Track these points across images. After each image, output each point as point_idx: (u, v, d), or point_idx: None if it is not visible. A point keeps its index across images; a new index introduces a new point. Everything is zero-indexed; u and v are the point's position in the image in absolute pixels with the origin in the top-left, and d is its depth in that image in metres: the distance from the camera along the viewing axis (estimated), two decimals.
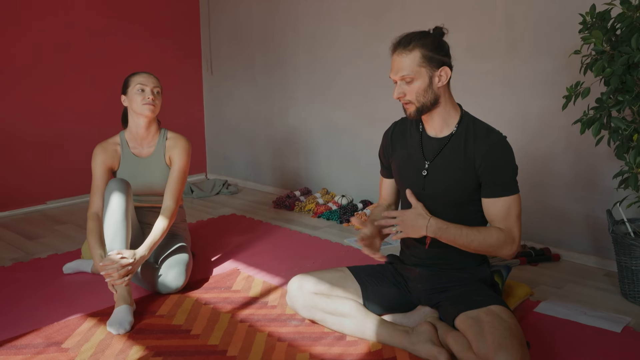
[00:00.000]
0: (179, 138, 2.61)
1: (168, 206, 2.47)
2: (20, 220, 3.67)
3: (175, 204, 2.49)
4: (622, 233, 2.39)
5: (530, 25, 2.90)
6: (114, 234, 2.23)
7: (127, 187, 2.31)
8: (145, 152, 2.59)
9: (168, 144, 2.59)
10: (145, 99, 2.48)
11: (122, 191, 2.28)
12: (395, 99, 1.92)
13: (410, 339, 1.91)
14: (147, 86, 2.50)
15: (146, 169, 2.57)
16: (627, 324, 2.15)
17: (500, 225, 1.90)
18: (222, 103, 4.78)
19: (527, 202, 3.02)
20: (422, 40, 1.87)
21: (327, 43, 3.90)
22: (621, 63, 2.05)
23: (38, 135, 3.90)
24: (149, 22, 4.41)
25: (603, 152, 2.63)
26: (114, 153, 2.56)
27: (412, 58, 1.86)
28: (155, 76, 2.58)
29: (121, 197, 2.27)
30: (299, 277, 2.15)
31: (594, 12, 2.24)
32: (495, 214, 1.89)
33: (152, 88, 2.51)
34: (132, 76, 2.54)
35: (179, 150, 2.57)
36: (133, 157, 2.57)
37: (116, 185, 2.29)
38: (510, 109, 3.03)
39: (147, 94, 2.49)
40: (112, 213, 2.24)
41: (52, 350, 1.96)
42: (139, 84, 2.49)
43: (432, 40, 1.88)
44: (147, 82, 2.51)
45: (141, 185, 2.57)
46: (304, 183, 4.23)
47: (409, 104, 1.92)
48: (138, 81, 2.50)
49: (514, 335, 1.68)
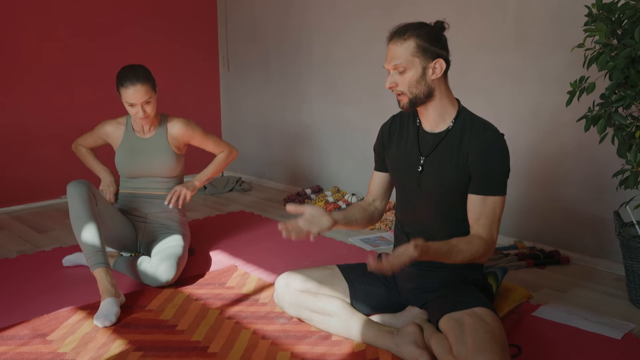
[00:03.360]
0: (178, 120, 2.70)
1: (225, 148, 2.81)
2: (35, 214, 3.73)
3: (226, 147, 2.82)
4: (629, 236, 2.27)
5: (541, 20, 2.79)
6: (88, 234, 2.25)
7: (86, 188, 2.31)
8: (146, 135, 2.67)
9: (169, 127, 2.67)
10: (137, 114, 2.50)
11: (82, 194, 2.28)
12: (387, 89, 1.86)
13: (394, 340, 1.85)
14: (136, 103, 2.47)
15: (146, 148, 2.64)
16: (629, 331, 2.04)
17: (482, 224, 1.80)
18: (238, 100, 4.78)
19: (538, 202, 2.93)
20: (418, 31, 1.81)
21: (339, 40, 3.85)
22: (624, 56, 1.94)
23: (54, 131, 3.97)
24: (168, 20, 4.45)
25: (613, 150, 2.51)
26: (116, 129, 2.69)
27: (406, 47, 1.80)
28: (143, 80, 2.46)
29: (82, 200, 2.27)
30: (287, 274, 2.11)
31: (600, 3, 2.13)
32: (479, 213, 1.81)
33: (141, 104, 2.47)
34: (121, 86, 2.46)
35: (182, 125, 2.68)
36: (134, 136, 2.66)
37: (74, 190, 2.28)
38: (521, 106, 2.93)
39: (138, 110, 2.49)
40: (79, 216, 2.26)
41: (37, 342, 1.97)
42: (127, 102, 2.47)
43: (429, 31, 1.82)
44: (135, 98, 2.45)
45: (139, 164, 2.63)
46: (316, 181, 4.20)
47: (401, 94, 1.86)
48: (126, 98, 2.46)
49: (495, 339, 1.60)
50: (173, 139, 2.67)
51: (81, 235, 2.26)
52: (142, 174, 2.64)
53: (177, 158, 2.69)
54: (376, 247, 3.02)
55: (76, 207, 2.28)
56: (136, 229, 2.65)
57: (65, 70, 3.96)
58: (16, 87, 3.77)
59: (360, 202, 2.14)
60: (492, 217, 1.80)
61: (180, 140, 2.70)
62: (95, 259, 2.24)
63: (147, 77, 2.48)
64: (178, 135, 2.67)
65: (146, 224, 2.65)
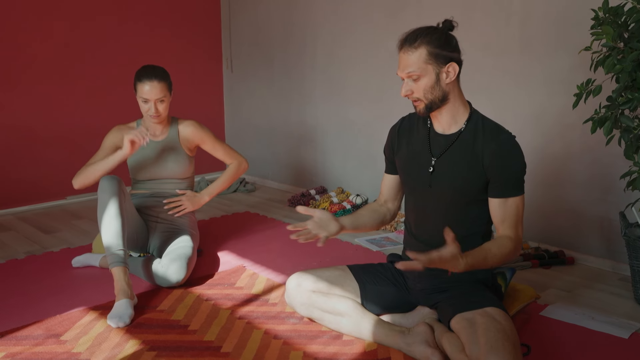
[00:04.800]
0: (189, 122, 2.74)
1: (235, 159, 2.81)
2: (41, 215, 3.75)
3: (236, 158, 2.81)
4: (635, 236, 2.30)
5: (546, 22, 2.82)
6: (113, 230, 2.27)
7: (118, 183, 2.34)
8: (159, 137, 2.70)
9: (181, 129, 2.71)
10: (149, 110, 2.55)
11: (114, 188, 2.32)
12: (403, 96, 1.89)
13: (405, 340, 1.88)
14: (150, 99, 2.53)
15: (159, 150, 2.67)
16: (636, 330, 2.07)
17: (508, 225, 1.86)
18: (241, 101, 4.80)
19: (543, 203, 2.95)
20: (429, 37, 1.84)
21: (343, 41, 3.88)
22: (631, 59, 1.97)
23: (59, 132, 3.98)
24: (171, 21, 4.46)
25: (619, 152, 2.54)
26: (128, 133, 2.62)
27: (418, 55, 1.83)
28: (160, 78, 2.55)
29: (113, 195, 2.31)
30: (298, 274, 2.14)
31: (606, 7, 2.16)
32: (503, 214, 1.86)
33: (155, 100, 2.54)
34: (138, 81, 2.56)
35: (193, 128, 2.72)
36: (149, 140, 2.62)
37: (107, 184, 2.32)
38: (526, 107, 2.96)
39: (150, 107, 2.55)
40: (107, 210, 2.28)
41: (51, 342, 1.99)
42: (141, 97, 2.54)
43: (439, 36, 1.85)
44: (150, 94, 2.53)
45: (153, 167, 2.67)
46: (320, 182, 4.22)
47: (417, 101, 1.89)
48: (141, 93, 2.54)
49: (507, 338, 1.63)
50: (185, 140, 2.71)
51: (107, 231, 2.28)
52: (155, 176, 2.67)
53: (189, 160, 2.73)
54: (382, 247, 3.04)
55: (106, 202, 2.31)
56: (148, 229, 2.67)
57: (68, 70, 3.97)
58: (18, 87, 3.78)
59: (371, 203, 2.17)
60: (516, 217, 1.85)
61: (192, 142, 2.73)
62: (116, 257, 2.26)
63: (164, 76, 2.59)
64: (190, 136, 2.71)
65: (157, 224, 2.67)
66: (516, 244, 1.85)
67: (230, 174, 2.80)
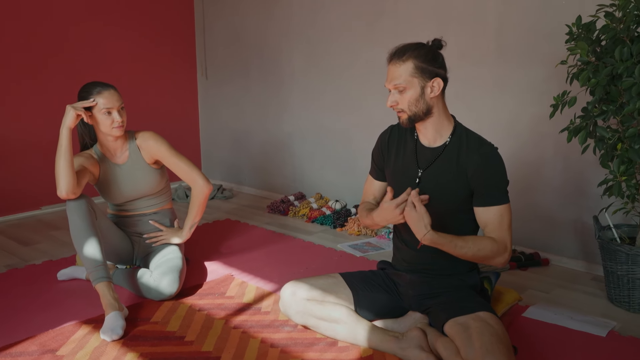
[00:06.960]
0: (145, 133, 2.59)
1: (196, 182, 2.58)
2: (15, 226, 3.69)
3: (197, 180, 2.58)
4: (608, 239, 2.44)
5: (520, 33, 2.94)
6: (89, 249, 2.27)
7: (86, 202, 2.33)
8: (121, 159, 2.58)
9: (139, 142, 2.58)
10: (114, 122, 2.43)
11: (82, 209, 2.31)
12: (389, 107, 1.98)
13: (400, 345, 1.95)
14: (114, 108, 2.41)
15: (127, 173, 2.58)
16: (612, 328, 2.20)
17: (494, 233, 1.96)
18: (217, 108, 4.81)
19: (517, 207, 3.05)
20: (417, 52, 1.93)
21: (321, 49, 3.93)
22: (605, 74, 2.09)
23: (33, 140, 3.92)
24: (145, 26, 4.43)
25: (591, 159, 2.68)
26: (91, 160, 2.53)
27: (405, 68, 1.92)
28: (114, 87, 2.46)
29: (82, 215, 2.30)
30: (292, 283, 2.19)
31: (579, 23, 2.29)
32: (487, 222, 1.97)
33: (117, 108, 2.42)
34: (96, 94, 2.41)
35: (152, 142, 2.56)
36: (112, 165, 2.57)
37: (73, 205, 2.31)
38: (501, 115, 3.08)
39: (115, 116, 2.42)
40: (79, 231, 2.28)
41: (47, 357, 1.98)
42: (105, 107, 2.40)
43: (427, 52, 1.94)
44: (112, 102, 2.41)
45: (128, 191, 2.59)
46: (299, 188, 4.27)
47: (401, 112, 1.98)
48: (103, 104, 2.39)
49: (500, 341, 1.72)
50: (147, 153, 2.58)
51: (82, 250, 2.27)
52: (129, 198, 2.62)
53: (159, 173, 2.64)
54: (365, 252, 3.11)
55: (76, 222, 2.30)
56: (132, 242, 2.67)
57: (40, 79, 3.91)
58: None
59: (367, 202, 2.23)
60: (500, 223, 1.95)
61: (152, 157, 2.60)
62: (97, 273, 2.26)
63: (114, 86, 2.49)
64: (151, 150, 2.57)
65: (141, 238, 2.68)
66: (500, 247, 1.94)
67: (200, 202, 2.61)
